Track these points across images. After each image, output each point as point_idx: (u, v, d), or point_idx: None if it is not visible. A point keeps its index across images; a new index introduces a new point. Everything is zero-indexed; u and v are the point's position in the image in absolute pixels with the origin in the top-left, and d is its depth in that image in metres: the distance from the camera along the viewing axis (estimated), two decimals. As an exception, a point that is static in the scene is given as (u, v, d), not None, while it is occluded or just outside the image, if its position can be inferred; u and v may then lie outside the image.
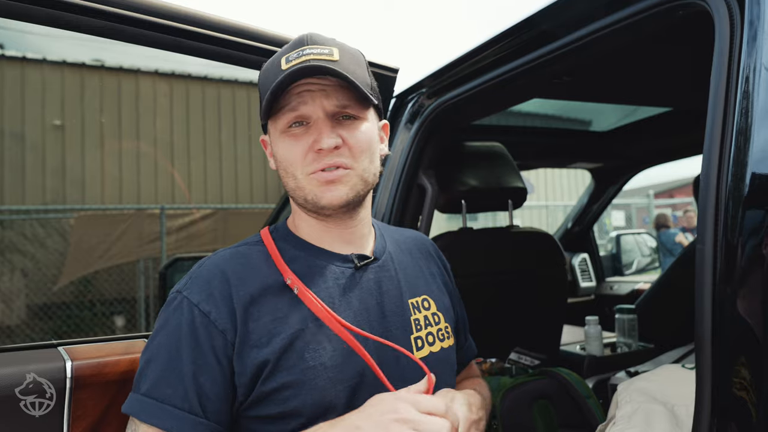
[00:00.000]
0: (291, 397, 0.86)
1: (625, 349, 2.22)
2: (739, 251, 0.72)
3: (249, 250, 0.96)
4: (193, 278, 0.91)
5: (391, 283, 1.01)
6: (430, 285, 1.10)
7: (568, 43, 1.14)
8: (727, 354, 0.74)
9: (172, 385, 0.85)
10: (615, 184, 3.15)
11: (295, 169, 0.93)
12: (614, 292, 3.26)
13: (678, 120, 2.35)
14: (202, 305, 0.87)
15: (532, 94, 1.63)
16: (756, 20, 0.75)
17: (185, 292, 0.89)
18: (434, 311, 1.06)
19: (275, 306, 0.90)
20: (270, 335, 0.87)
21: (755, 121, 0.73)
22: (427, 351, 1.01)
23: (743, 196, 0.71)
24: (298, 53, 0.92)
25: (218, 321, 0.87)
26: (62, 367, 1.04)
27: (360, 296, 0.96)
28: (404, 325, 0.99)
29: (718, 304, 0.74)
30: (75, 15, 1.10)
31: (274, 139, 0.96)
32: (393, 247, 1.08)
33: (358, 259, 0.99)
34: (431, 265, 1.15)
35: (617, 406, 1.35)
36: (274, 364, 0.86)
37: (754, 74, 0.74)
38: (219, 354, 0.86)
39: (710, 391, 0.76)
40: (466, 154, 1.89)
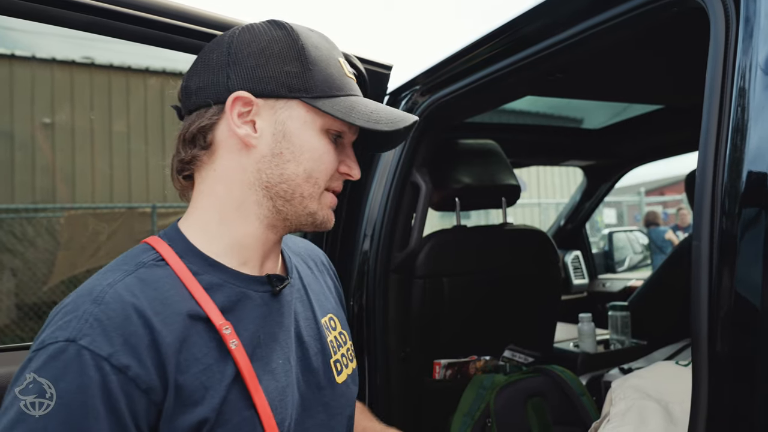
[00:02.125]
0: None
1: (618, 346, 2.23)
2: (735, 248, 0.72)
3: (153, 275, 0.74)
4: (90, 321, 0.66)
5: (303, 304, 0.90)
6: (331, 301, 0.99)
7: (562, 40, 1.13)
8: (723, 351, 0.74)
9: None
10: (607, 182, 3.16)
11: (321, 177, 0.81)
12: (607, 289, 3.27)
13: (669, 118, 2.36)
14: (114, 359, 0.65)
15: (525, 91, 1.63)
16: (752, 17, 0.75)
17: (83, 341, 0.64)
18: (340, 330, 0.96)
19: (201, 351, 0.72)
20: (205, 388, 0.71)
21: (751, 118, 0.73)
22: (344, 375, 0.91)
23: (739, 193, 0.71)
24: (348, 67, 0.85)
25: (140, 378, 0.66)
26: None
27: (281, 324, 0.83)
28: (323, 349, 0.89)
29: (714, 300, 0.74)
30: (61, 10, 1.08)
31: (305, 127, 0.79)
32: (297, 262, 0.96)
33: (275, 282, 0.83)
34: (327, 278, 1.04)
35: (611, 404, 1.35)
36: (214, 422, 0.71)
37: (749, 71, 0.74)
38: (141, 422, 0.66)
39: (707, 389, 0.76)
40: (460, 151, 1.89)
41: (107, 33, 1.11)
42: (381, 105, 0.83)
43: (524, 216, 11.02)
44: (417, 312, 1.75)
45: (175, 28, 1.20)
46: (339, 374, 0.90)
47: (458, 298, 1.82)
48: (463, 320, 1.87)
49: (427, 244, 1.75)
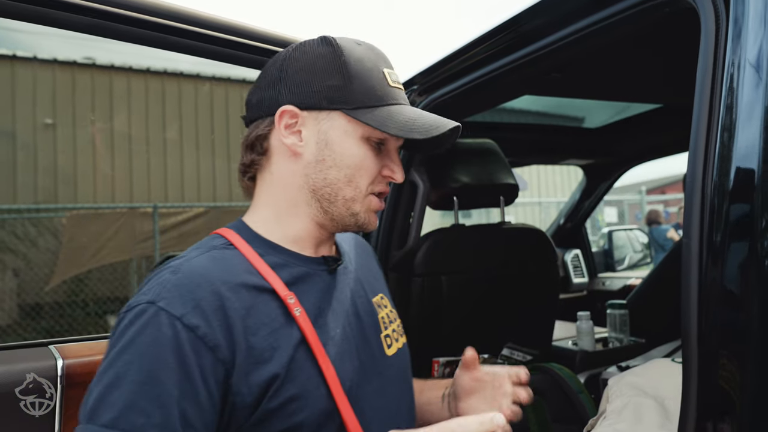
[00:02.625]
0: (297, 411, 0.80)
1: (616, 344, 2.24)
2: (724, 246, 0.73)
3: (223, 255, 0.85)
4: (167, 287, 0.77)
5: (357, 283, 1.00)
6: (381, 283, 1.10)
7: (557, 39, 1.15)
8: (713, 347, 0.75)
9: (147, 413, 0.71)
10: (607, 181, 3.17)
11: (362, 182, 0.89)
12: (606, 287, 3.28)
13: (668, 117, 2.36)
14: (187, 318, 0.75)
15: (522, 90, 1.64)
16: (740, 17, 0.76)
17: (161, 303, 0.76)
18: (390, 309, 1.06)
19: (269, 316, 0.82)
20: (273, 348, 0.80)
21: (740, 116, 0.74)
22: (395, 348, 1.01)
23: (728, 191, 0.72)
24: (395, 76, 0.92)
25: (208, 337, 0.75)
26: (53, 365, 1.04)
27: (338, 299, 0.93)
28: (375, 324, 0.98)
29: (704, 298, 0.75)
30: (65, 13, 1.10)
31: (346, 136, 0.88)
32: (347, 248, 1.06)
33: (330, 262, 0.95)
34: (374, 264, 1.14)
35: (608, 401, 1.36)
36: (284, 378, 0.79)
37: (738, 71, 0.75)
38: (207, 375, 0.75)
39: (696, 385, 0.77)
40: (458, 150, 1.89)
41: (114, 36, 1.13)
42: (422, 113, 0.89)
43: (525, 214, 11.02)
44: (415, 310, 1.76)
45: (178, 31, 1.22)
46: (389, 347, 0.99)
47: (456, 297, 1.83)
48: (462, 318, 1.88)
49: (425, 242, 1.76)
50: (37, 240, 7.10)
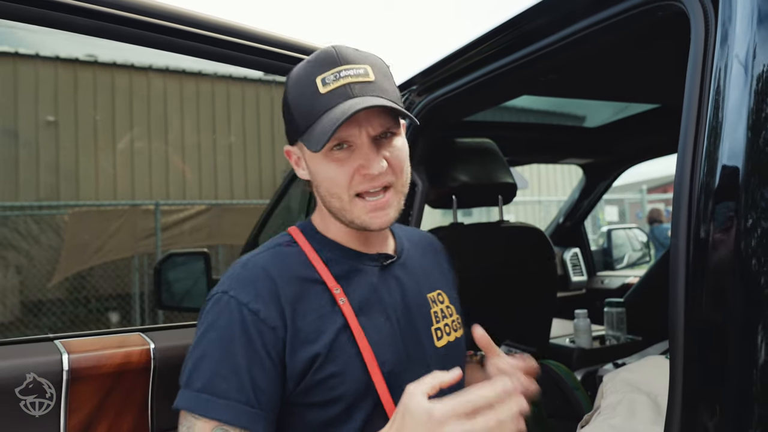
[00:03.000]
0: (338, 385, 0.93)
1: (613, 342, 2.26)
2: (710, 244, 0.75)
3: (285, 251, 1.02)
4: (237, 279, 0.95)
5: (411, 279, 1.08)
6: (441, 280, 1.17)
7: (553, 42, 1.17)
8: (698, 342, 0.77)
9: (227, 380, 0.89)
10: (606, 180, 3.19)
11: (341, 191, 0.96)
12: (605, 286, 3.30)
13: (666, 117, 2.38)
14: (251, 305, 0.92)
15: (520, 91, 1.66)
16: (728, 21, 0.78)
17: (232, 292, 0.93)
18: (447, 304, 1.13)
19: (318, 304, 0.96)
20: (318, 331, 0.94)
21: (726, 117, 0.76)
22: (445, 341, 1.08)
23: (714, 190, 0.74)
24: (335, 75, 0.93)
25: (268, 319, 0.92)
26: (59, 359, 1.07)
27: (387, 293, 1.03)
28: (425, 317, 1.07)
29: (690, 294, 0.77)
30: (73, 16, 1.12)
31: (312, 159, 0.98)
32: (409, 246, 1.15)
33: (383, 259, 1.05)
34: (439, 261, 1.22)
35: (603, 396, 1.39)
36: (325, 357, 0.93)
37: (725, 73, 0.77)
38: (269, 349, 0.91)
39: (681, 380, 0.79)
40: (457, 149, 1.92)
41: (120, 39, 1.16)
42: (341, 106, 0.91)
43: (526, 213, 11.04)
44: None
45: (183, 34, 1.25)
46: (439, 340, 1.07)
47: (455, 294, 1.85)
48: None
49: (424, 240, 1.78)
50: (40, 237, 7.13)
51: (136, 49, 1.25)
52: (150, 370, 1.17)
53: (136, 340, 1.19)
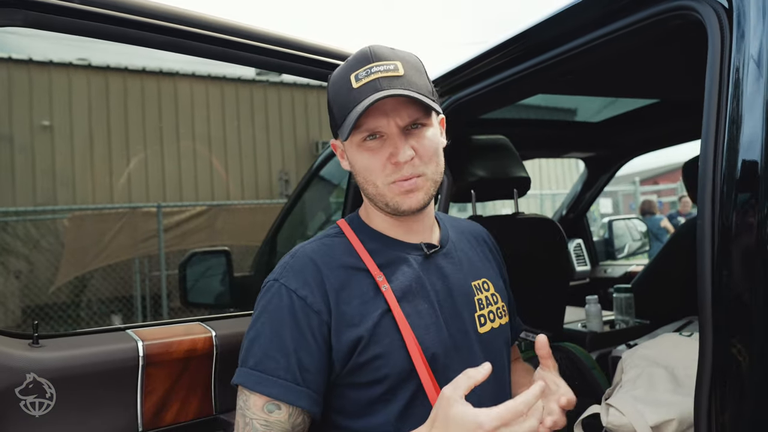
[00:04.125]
0: (382, 366, 1.00)
1: (623, 326, 2.37)
2: (733, 228, 0.85)
3: (332, 242, 1.10)
4: (287, 268, 1.04)
5: (456, 267, 1.14)
6: (487, 269, 1.23)
7: (573, 47, 1.26)
8: (724, 316, 0.87)
9: (276, 360, 0.98)
10: (607, 172, 3.30)
11: (375, 178, 1.04)
12: (608, 275, 3.42)
13: (664, 111, 2.50)
14: (299, 291, 1.01)
15: (536, 91, 1.77)
16: (742, 24, 0.88)
17: (282, 280, 1.03)
18: (492, 292, 1.19)
19: (361, 290, 1.03)
20: (361, 316, 1.01)
21: (744, 113, 0.87)
22: (488, 327, 1.14)
23: (736, 179, 0.85)
24: (366, 71, 1.01)
25: (314, 304, 1.00)
26: (135, 346, 1.16)
27: (430, 280, 1.09)
28: (469, 304, 1.12)
29: (716, 274, 0.88)
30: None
31: (350, 150, 1.07)
32: (455, 236, 1.21)
33: (427, 248, 1.11)
34: (486, 251, 1.28)
35: (623, 372, 1.50)
36: (368, 340, 0.99)
37: (742, 71, 0.88)
38: (315, 332, 0.99)
39: (711, 353, 0.89)
40: (475, 146, 2.02)
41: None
42: (367, 98, 0.98)
43: (527, 206, 11.14)
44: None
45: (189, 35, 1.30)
46: (482, 326, 1.13)
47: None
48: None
49: (446, 233, 1.88)
50: (39, 242, 7.15)
51: (129, 52, 1.28)
52: (213, 356, 1.27)
53: (199, 328, 1.29)
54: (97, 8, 1.14)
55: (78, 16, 1.13)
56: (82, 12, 1.13)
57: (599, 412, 1.41)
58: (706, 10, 0.97)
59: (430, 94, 1.05)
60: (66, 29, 1.16)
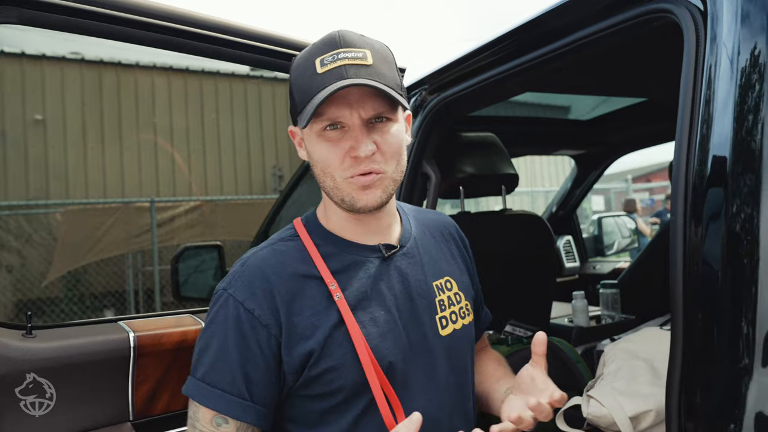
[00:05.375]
0: (335, 379, 0.97)
1: (608, 321, 2.42)
2: (703, 223, 0.89)
3: (285, 247, 1.05)
4: (236, 277, 1.00)
5: (416, 268, 1.09)
6: (451, 266, 1.17)
7: (559, 46, 1.30)
8: (694, 306, 0.91)
9: (222, 373, 0.96)
10: (596, 170, 3.34)
11: (333, 171, 0.98)
12: (597, 271, 3.46)
13: (652, 110, 2.54)
14: (246, 303, 0.97)
15: (525, 89, 1.80)
16: (716, 25, 0.92)
17: (230, 290, 0.99)
18: (456, 291, 1.14)
19: (314, 300, 0.99)
20: (313, 328, 0.97)
21: (716, 113, 0.90)
22: (450, 329, 1.09)
23: (706, 176, 0.88)
24: (333, 57, 0.95)
25: (262, 317, 0.96)
26: (126, 337, 1.19)
27: (389, 284, 1.04)
28: (430, 306, 1.08)
29: (687, 269, 0.91)
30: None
31: (309, 139, 1.01)
32: (418, 232, 1.16)
33: (385, 249, 1.06)
34: (452, 246, 1.22)
35: (605, 365, 1.53)
36: (320, 353, 0.96)
37: (715, 69, 0.91)
38: (263, 346, 0.96)
39: (681, 346, 0.93)
40: (464, 143, 2.05)
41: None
42: (331, 85, 0.93)
43: (514, 204, 11.21)
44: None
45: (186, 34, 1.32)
46: (444, 328, 1.08)
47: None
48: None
49: (435, 228, 1.92)
50: (32, 236, 7.14)
51: (122, 47, 1.29)
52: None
53: (189, 320, 1.32)
54: (91, 6, 1.16)
55: (72, 14, 1.15)
56: (75, 10, 1.15)
57: (580, 403, 1.45)
58: (682, 12, 1.00)
59: (398, 88, 0.99)
60: (60, 27, 1.18)
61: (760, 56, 0.87)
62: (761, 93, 0.85)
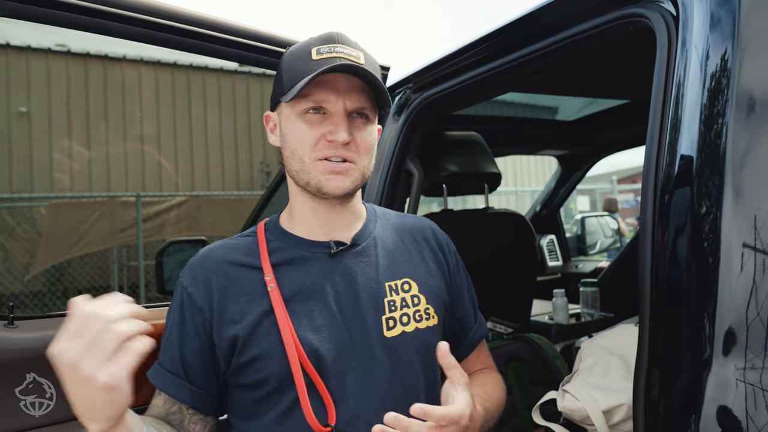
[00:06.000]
0: (262, 368, 0.99)
1: (588, 318, 2.46)
2: (670, 222, 0.92)
3: (239, 241, 1.11)
4: (189, 266, 1.08)
5: (367, 267, 1.08)
6: (416, 268, 1.14)
7: (540, 48, 1.33)
8: (662, 305, 0.93)
9: (166, 354, 1.05)
10: (580, 170, 3.39)
11: (303, 153, 1.01)
12: (579, 270, 3.51)
13: (634, 111, 2.58)
14: (188, 288, 1.04)
15: (508, 89, 1.82)
16: (686, 30, 0.95)
17: (182, 277, 1.07)
18: (415, 293, 1.10)
19: (250, 288, 1.03)
20: (243, 313, 1.01)
21: (684, 115, 0.93)
22: (399, 331, 1.06)
23: (674, 176, 0.91)
24: (329, 48, 1.00)
25: (198, 301, 1.03)
26: (109, 328, 1.19)
27: (332, 280, 1.05)
28: (376, 306, 1.06)
29: (655, 264, 0.94)
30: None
31: (287, 118, 1.04)
32: (383, 232, 1.15)
33: (335, 246, 1.07)
34: (424, 249, 1.19)
35: (581, 360, 1.57)
36: (246, 339, 0.99)
37: (685, 73, 0.94)
38: (198, 328, 1.03)
39: (648, 338, 0.95)
40: (447, 142, 2.08)
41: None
42: (338, 62, 0.98)
43: (500, 203, 11.28)
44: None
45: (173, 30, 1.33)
46: (390, 329, 1.06)
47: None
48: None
49: (418, 226, 1.94)
50: (15, 229, 7.07)
51: (109, 40, 1.30)
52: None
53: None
54: (77, 0, 1.16)
55: (57, 7, 1.16)
56: (62, 3, 1.15)
57: (556, 398, 1.48)
58: (656, 17, 1.03)
59: (383, 92, 1.02)
60: (46, 20, 1.18)
61: (728, 61, 0.90)
62: (728, 96, 0.88)
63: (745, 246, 0.82)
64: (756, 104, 0.86)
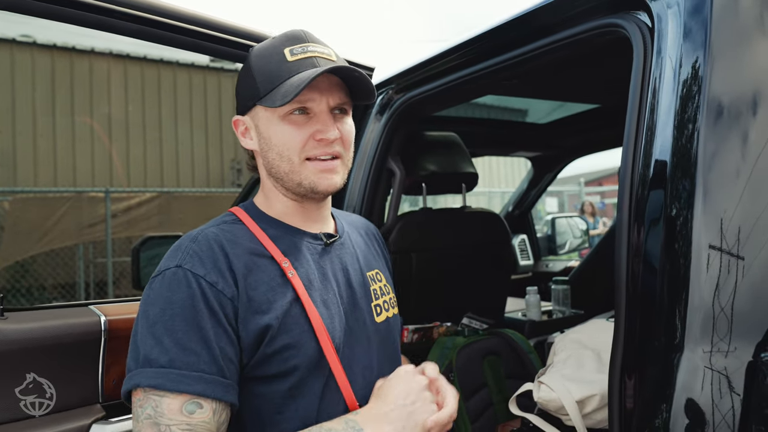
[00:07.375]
0: (291, 357, 0.95)
1: (559, 315, 2.54)
2: (645, 223, 0.98)
3: (232, 228, 1.03)
4: (191, 253, 0.95)
5: (352, 258, 1.14)
6: (378, 261, 1.24)
7: (519, 54, 1.38)
8: (637, 300, 0.99)
9: (197, 353, 0.88)
10: (551, 172, 3.48)
11: (292, 154, 1.01)
12: (549, 269, 3.60)
13: (604, 116, 2.67)
14: (207, 277, 0.92)
15: (486, 92, 1.88)
16: (661, 39, 1.01)
17: (187, 266, 0.93)
18: (384, 283, 1.19)
19: (269, 276, 0.98)
20: (269, 303, 0.95)
21: (659, 121, 0.99)
22: (384, 317, 1.15)
23: (649, 179, 0.97)
24: (302, 48, 1.01)
25: (225, 290, 0.93)
26: (98, 321, 1.21)
27: (331, 269, 1.08)
28: (366, 294, 1.12)
29: (631, 261, 1.00)
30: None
31: (269, 122, 1.02)
32: (348, 228, 1.21)
33: (326, 237, 1.10)
34: (375, 245, 1.28)
35: (554, 354, 1.63)
36: (277, 329, 0.94)
37: (659, 80, 1.00)
38: (230, 320, 0.92)
39: (624, 331, 1.01)
40: (427, 142, 2.13)
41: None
42: (305, 73, 0.98)
43: (471, 203, 11.39)
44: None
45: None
46: (378, 315, 1.13)
47: (424, 272, 2.07)
48: (428, 291, 2.12)
49: (398, 223, 1.99)
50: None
51: (77, 32, 1.28)
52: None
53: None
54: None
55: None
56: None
57: (532, 389, 1.54)
58: (632, 28, 1.10)
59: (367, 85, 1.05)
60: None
61: (699, 69, 0.96)
62: (699, 103, 0.95)
63: (711, 247, 0.88)
64: (725, 110, 0.93)
